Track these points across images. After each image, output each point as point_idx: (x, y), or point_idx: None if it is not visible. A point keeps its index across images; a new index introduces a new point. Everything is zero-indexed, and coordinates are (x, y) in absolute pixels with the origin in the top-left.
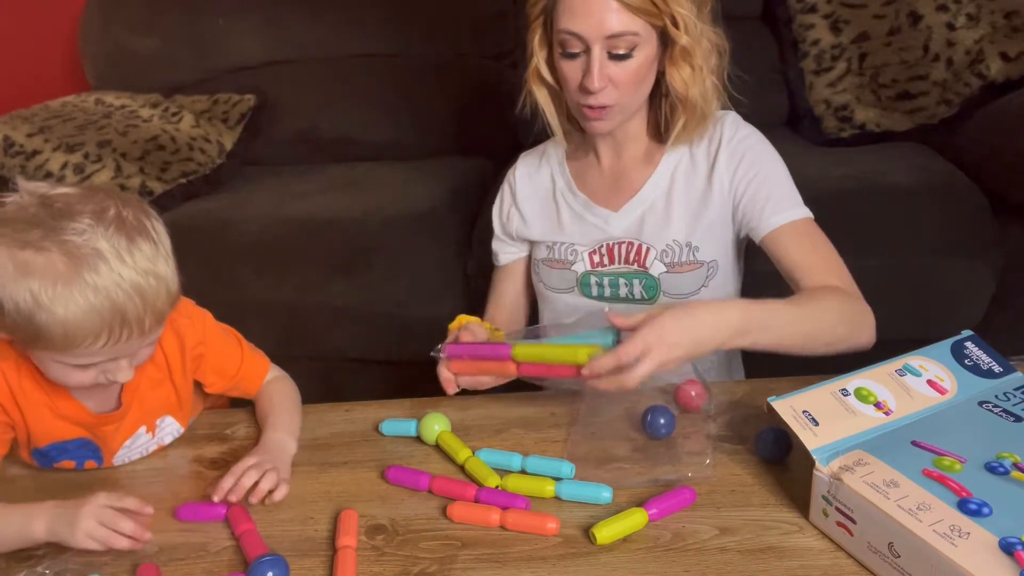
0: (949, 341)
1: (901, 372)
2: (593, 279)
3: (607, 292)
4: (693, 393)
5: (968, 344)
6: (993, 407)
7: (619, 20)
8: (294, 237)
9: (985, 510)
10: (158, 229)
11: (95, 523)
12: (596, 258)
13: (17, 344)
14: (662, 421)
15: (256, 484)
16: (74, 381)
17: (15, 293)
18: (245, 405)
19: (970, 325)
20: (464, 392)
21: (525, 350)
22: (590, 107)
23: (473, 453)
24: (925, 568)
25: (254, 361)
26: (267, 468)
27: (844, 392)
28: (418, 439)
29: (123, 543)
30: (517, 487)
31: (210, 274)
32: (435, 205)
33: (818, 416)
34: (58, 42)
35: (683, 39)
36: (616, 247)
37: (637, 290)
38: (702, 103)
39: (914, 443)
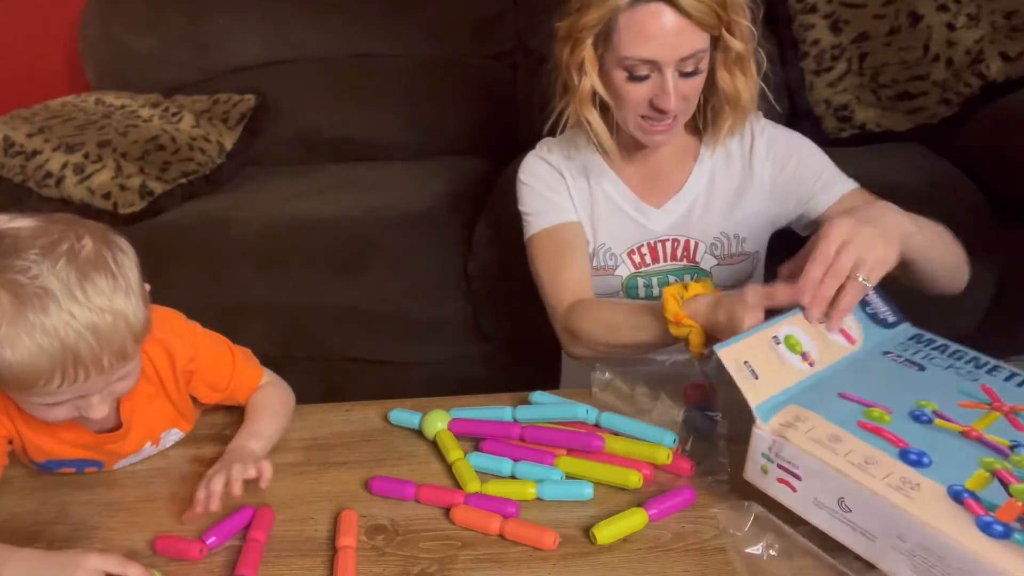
0: None
1: (820, 319)
2: (640, 281)
3: (656, 292)
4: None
5: (870, 293)
6: (897, 357)
7: (690, 41)
8: (294, 237)
9: (925, 460)
10: (120, 261)
11: None
12: (636, 258)
13: None
14: (699, 418)
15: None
16: (49, 418)
17: None
18: None
19: (970, 325)
20: (471, 392)
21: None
22: (653, 123)
23: (464, 455)
24: (876, 521)
25: (246, 371)
26: (229, 465)
27: (776, 340)
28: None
29: None
30: (498, 491)
31: (210, 274)
32: (435, 205)
33: (757, 368)
34: (58, 42)
35: (739, 46)
36: (659, 245)
37: None
38: (751, 106)
39: (841, 395)
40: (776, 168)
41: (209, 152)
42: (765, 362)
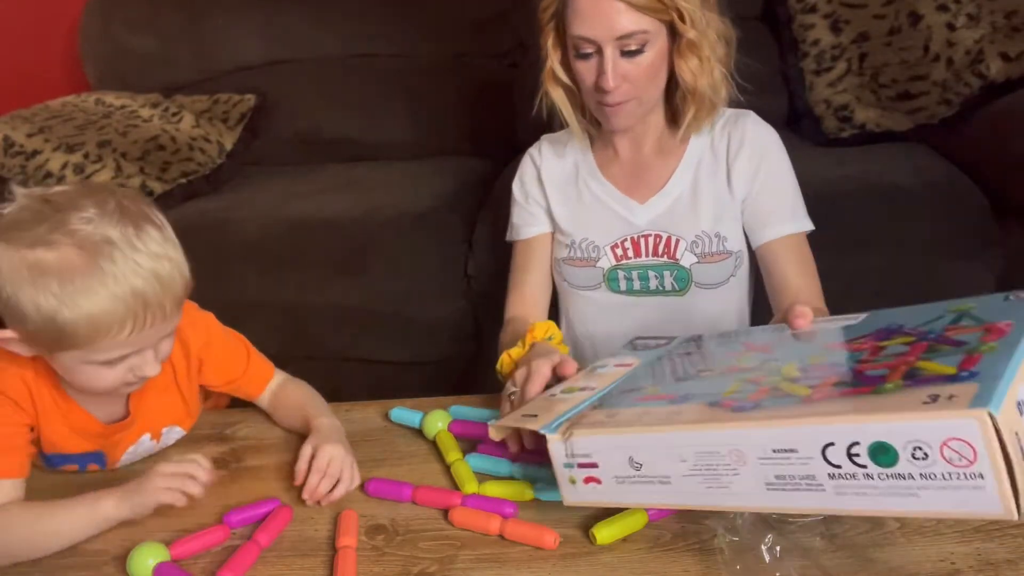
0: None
1: (591, 369)
2: (621, 274)
3: (636, 285)
4: None
5: (636, 341)
6: (668, 359)
7: (627, 20)
8: (294, 237)
9: (688, 396)
10: (161, 218)
11: (167, 476)
12: (619, 252)
13: (40, 350)
14: None
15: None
16: (104, 382)
17: (35, 296)
18: (245, 405)
19: None
20: (471, 392)
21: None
22: (608, 105)
23: (463, 456)
24: (661, 458)
25: (260, 365)
26: (343, 468)
27: (552, 395)
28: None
29: (195, 489)
30: (496, 492)
31: (210, 274)
32: (435, 205)
33: (536, 411)
34: (58, 42)
35: (690, 32)
36: (642, 239)
37: (668, 282)
38: (711, 93)
39: (621, 392)
40: (752, 179)
41: (209, 152)
42: (542, 407)
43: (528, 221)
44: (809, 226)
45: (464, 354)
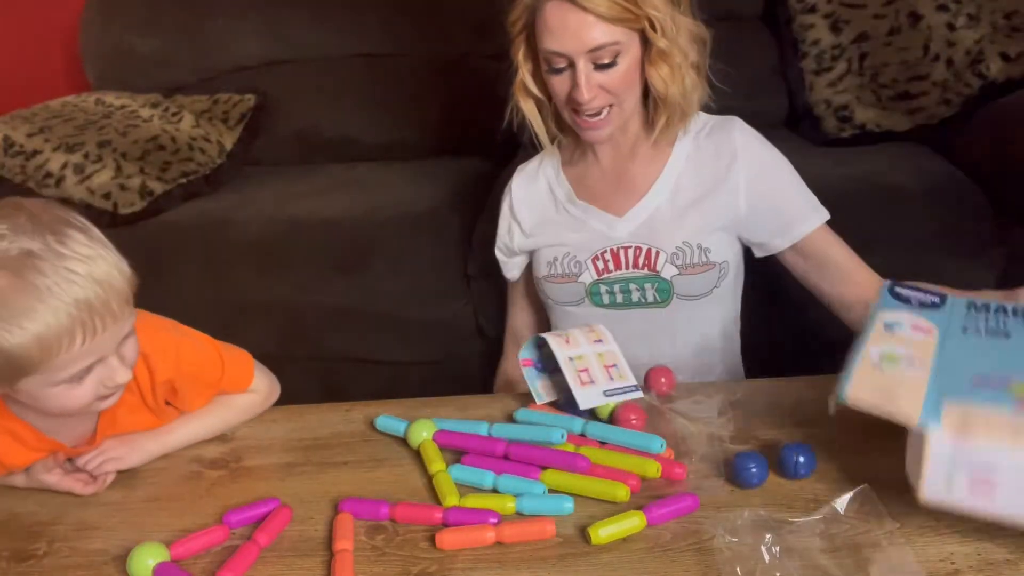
0: (884, 291)
1: (889, 327)
2: (603, 288)
3: (619, 298)
4: (663, 380)
5: (898, 290)
6: (976, 331)
7: (598, 32)
8: (294, 237)
9: None
10: (83, 220)
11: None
12: (600, 264)
13: (2, 386)
14: (753, 469)
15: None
16: (77, 401)
17: None
18: None
19: None
20: (470, 392)
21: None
22: (582, 117)
23: (446, 467)
24: None
25: (232, 382)
26: (107, 466)
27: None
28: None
29: (78, 488)
30: (478, 505)
31: (210, 274)
32: (435, 205)
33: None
34: (58, 42)
35: (661, 42)
36: (622, 251)
37: (650, 294)
38: (682, 100)
39: (975, 379)
40: (753, 192)
41: (209, 152)
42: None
43: (506, 266)
44: (827, 215)
45: (464, 354)
